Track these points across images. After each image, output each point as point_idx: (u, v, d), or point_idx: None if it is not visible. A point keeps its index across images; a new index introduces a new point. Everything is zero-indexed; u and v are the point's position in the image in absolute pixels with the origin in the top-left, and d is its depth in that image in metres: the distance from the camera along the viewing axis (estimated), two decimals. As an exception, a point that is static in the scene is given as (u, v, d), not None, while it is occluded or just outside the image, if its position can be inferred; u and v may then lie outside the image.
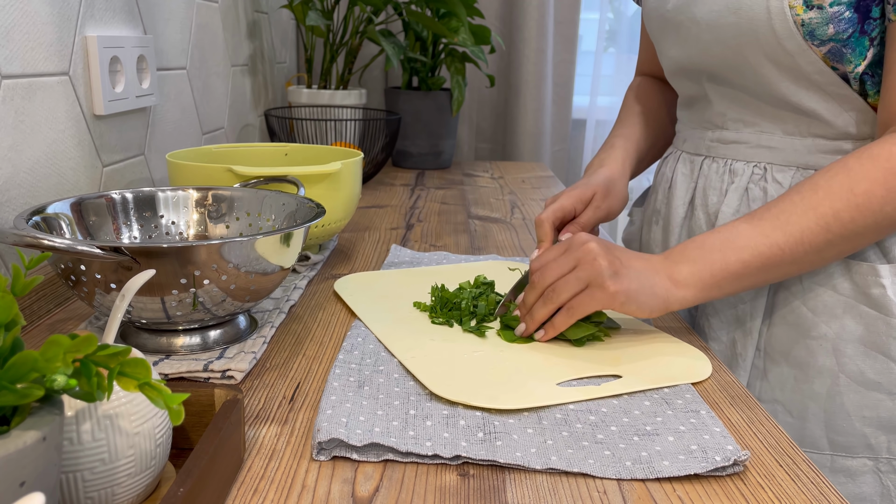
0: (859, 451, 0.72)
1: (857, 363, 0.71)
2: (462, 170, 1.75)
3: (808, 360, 0.73)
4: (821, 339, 0.73)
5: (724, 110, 0.79)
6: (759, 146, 0.76)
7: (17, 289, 0.36)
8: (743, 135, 0.78)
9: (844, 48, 0.67)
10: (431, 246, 1.05)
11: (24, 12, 0.73)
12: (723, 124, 0.80)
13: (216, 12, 1.28)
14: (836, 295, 0.72)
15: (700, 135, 0.83)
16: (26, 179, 0.74)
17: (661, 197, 0.89)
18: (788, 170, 0.74)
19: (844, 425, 0.72)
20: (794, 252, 0.65)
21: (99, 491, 0.41)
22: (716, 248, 0.66)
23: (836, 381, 0.72)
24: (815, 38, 0.67)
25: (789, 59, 0.69)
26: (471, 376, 0.60)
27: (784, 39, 0.68)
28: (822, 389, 0.73)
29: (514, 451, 0.50)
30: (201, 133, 1.24)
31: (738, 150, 0.78)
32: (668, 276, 0.66)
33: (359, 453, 0.50)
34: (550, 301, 0.66)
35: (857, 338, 0.71)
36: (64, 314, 0.75)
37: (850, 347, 0.71)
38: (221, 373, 0.61)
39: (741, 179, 0.77)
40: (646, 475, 0.48)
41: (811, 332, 0.73)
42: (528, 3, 1.94)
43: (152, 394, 0.35)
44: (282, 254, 0.63)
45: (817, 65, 0.68)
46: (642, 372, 0.63)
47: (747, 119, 0.77)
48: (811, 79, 0.69)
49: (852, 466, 0.72)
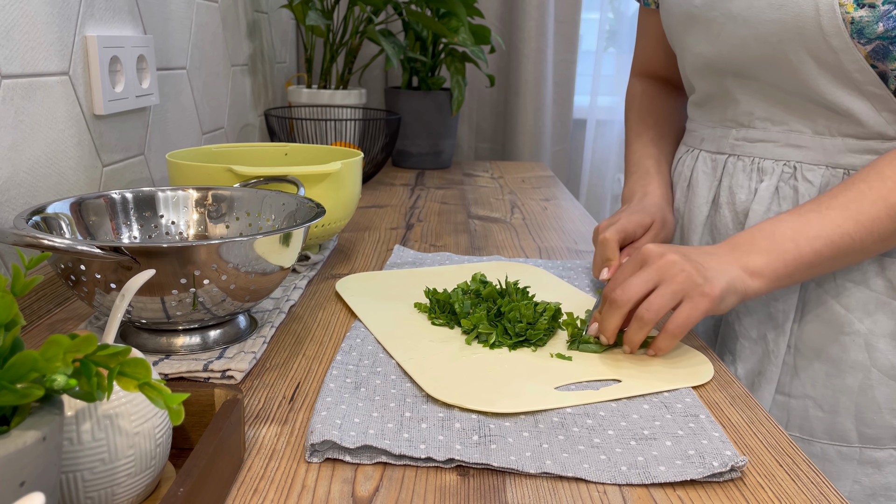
0: (887, 442, 0.74)
1: (890, 357, 0.73)
2: (462, 170, 1.75)
3: (841, 356, 0.74)
4: (854, 335, 0.74)
5: (751, 109, 0.78)
6: (788, 145, 0.76)
7: (17, 289, 0.36)
8: (771, 133, 0.77)
9: (891, 46, 0.66)
10: (432, 246, 1.05)
11: (24, 12, 0.73)
12: (749, 123, 0.79)
13: (216, 12, 1.28)
14: (870, 292, 0.73)
15: (722, 133, 0.83)
16: (26, 179, 0.74)
17: (680, 196, 0.89)
18: (818, 168, 0.74)
19: (875, 418, 0.73)
20: (863, 241, 0.67)
21: (99, 491, 0.41)
22: (787, 238, 0.67)
23: (868, 376, 0.73)
24: (864, 36, 0.66)
25: (833, 56, 0.68)
26: (468, 379, 0.60)
27: (831, 37, 0.67)
28: (854, 384, 0.74)
29: (508, 455, 0.50)
30: (201, 133, 1.24)
31: (765, 148, 0.78)
32: (742, 267, 0.66)
33: (352, 455, 0.50)
34: (645, 323, 0.63)
35: (889, 333, 0.73)
36: (64, 314, 0.75)
37: (883, 342, 0.73)
38: (221, 373, 0.61)
39: (771, 178, 0.77)
40: (641, 480, 0.48)
41: (844, 329, 0.74)
42: (528, 3, 1.93)
43: (152, 394, 0.35)
44: (282, 254, 0.63)
45: (860, 63, 0.68)
46: (642, 376, 0.62)
47: (776, 118, 0.77)
48: (851, 77, 0.69)
49: (880, 458, 0.74)
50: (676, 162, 0.92)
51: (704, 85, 0.84)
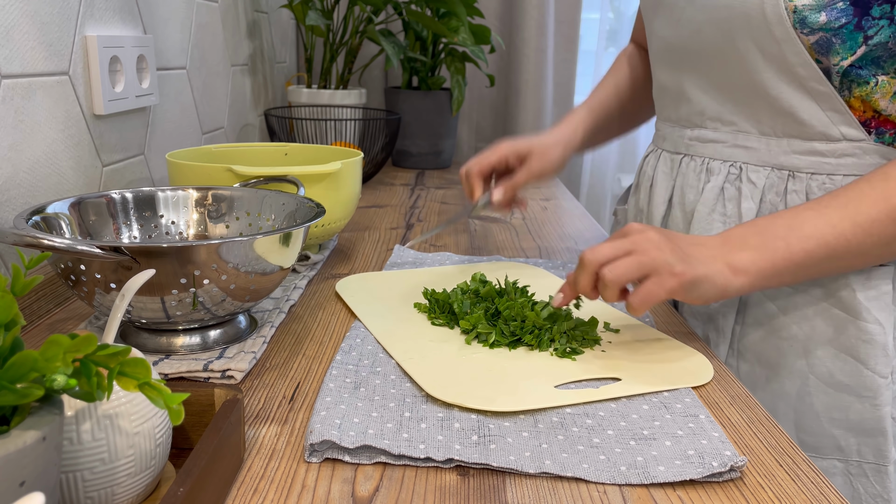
0: (829, 452, 0.72)
1: (827, 365, 0.71)
2: (462, 170, 1.75)
3: (779, 361, 0.73)
4: (791, 340, 0.73)
5: (702, 108, 0.79)
6: (736, 146, 0.76)
7: (17, 289, 0.36)
8: (720, 134, 0.78)
9: (834, 38, 0.66)
10: (432, 246, 1.05)
11: (24, 12, 0.73)
12: (701, 123, 0.80)
13: (216, 12, 1.28)
14: (807, 296, 0.72)
15: (679, 133, 0.83)
16: (26, 179, 0.74)
17: (644, 195, 0.89)
18: (763, 170, 0.74)
19: (814, 426, 0.72)
20: (861, 243, 0.64)
21: (99, 491, 0.41)
22: (779, 236, 0.64)
23: (806, 382, 0.72)
24: (806, 25, 0.66)
25: (776, 47, 0.68)
26: (468, 378, 0.60)
27: (773, 24, 0.67)
28: (793, 390, 0.73)
29: (507, 455, 0.50)
30: (201, 133, 1.24)
31: (715, 149, 0.78)
32: (727, 263, 0.63)
33: (351, 455, 0.50)
34: (606, 283, 0.62)
35: (827, 340, 0.71)
36: (64, 314, 0.75)
37: (821, 349, 0.71)
38: (221, 373, 0.61)
39: (717, 178, 0.77)
40: (641, 480, 0.48)
41: (782, 333, 0.73)
42: (528, 3, 1.93)
43: (152, 394, 0.35)
44: (282, 254, 0.63)
45: (802, 56, 0.68)
46: (642, 375, 0.62)
47: (725, 118, 0.77)
48: (794, 71, 0.69)
49: (822, 467, 0.72)
50: (643, 162, 0.92)
51: (662, 75, 0.85)
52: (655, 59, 0.86)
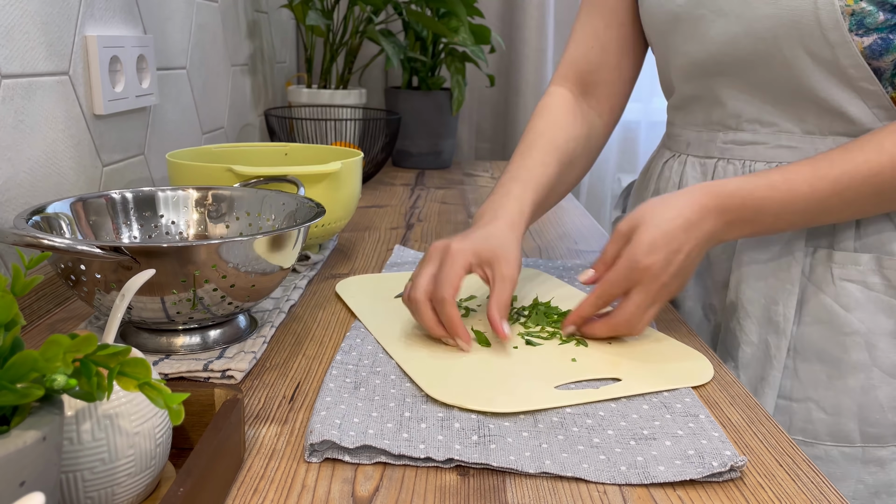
0: (890, 440, 0.73)
1: (891, 356, 0.72)
2: (462, 169, 1.75)
3: (841, 357, 0.74)
4: (853, 335, 0.73)
5: (738, 111, 0.77)
6: (779, 146, 0.75)
7: (17, 288, 0.36)
8: (760, 135, 0.76)
9: (891, 34, 0.66)
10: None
11: (24, 12, 0.73)
12: (737, 126, 0.78)
13: (216, 12, 1.28)
14: (868, 291, 0.73)
15: (710, 137, 0.81)
16: (26, 179, 0.74)
17: None
18: None
19: (878, 417, 0.73)
20: (841, 214, 0.70)
21: (99, 491, 0.41)
22: (771, 213, 0.68)
23: (870, 375, 0.73)
24: (863, 26, 0.66)
25: (829, 51, 0.68)
26: (468, 379, 0.60)
27: (828, 30, 0.67)
28: (857, 384, 0.73)
29: (507, 455, 0.50)
30: (201, 133, 1.24)
31: (756, 150, 0.77)
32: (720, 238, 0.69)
33: (351, 455, 0.50)
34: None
35: (889, 331, 0.72)
36: (64, 314, 0.75)
37: (883, 341, 0.72)
38: (221, 372, 0.61)
39: None
40: (641, 480, 0.48)
41: (844, 329, 0.73)
42: (528, 3, 1.93)
43: (152, 393, 0.35)
44: (282, 254, 0.63)
45: (855, 58, 0.67)
46: (642, 375, 0.62)
47: (765, 119, 0.76)
48: (846, 73, 0.69)
49: (883, 456, 0.73)
50: (661, 167, 0.88)
51: (688, 87, 0.82)
52: (678, 75, 0.83)
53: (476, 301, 0.79)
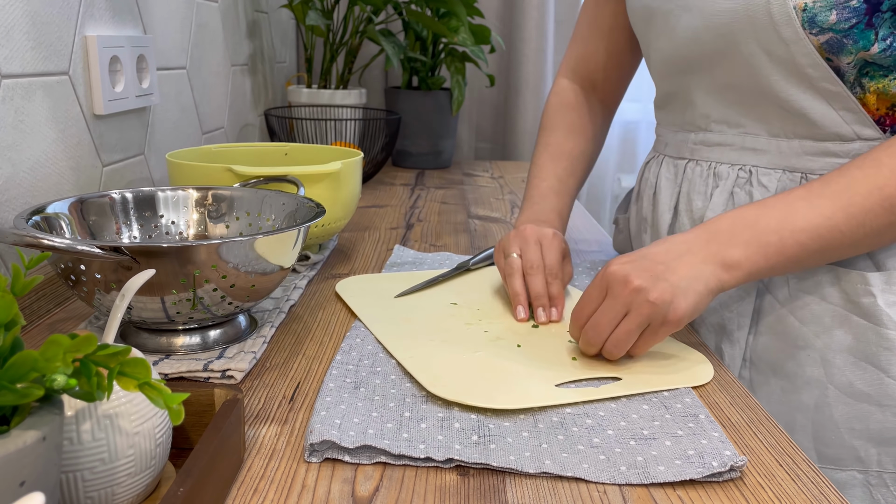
0: (848, 463, 0.70)
1: (847, 374, 0.69)
2: (462, 169, 1.75)
3: (796, 371, 0.71)
4: (809, 350, 0.70)
5: (707, 111, 0.76)
6: (744, 148, 0.74)
7: (17, 288, 0.36)
8: (727, 136, 0.75)
9: (845, 39, 0.64)
10: (432, 246, 1.05)
11: (24, 12, 0.73)
12: (706, 126, 0.77)
13: (216, 12, 1.28)
14: (826, 304, 0.69)
15: (683, 137, 0.80)
16: (26, 179, 0.74)
17: (647, 204, 0.86)
18: (775, 172, 0.72)
19: (833, 437, 0.70)
20: (854, 234, 0.63)
21: (99, 491, 0.41)
22: (771, 229, 0.63)
23: (825, 393, 0.70)
24: (815, 25, 0.64)
25: (784, 48, 0.66)
26: (469, 376, 0.60)
27: (781, 26, 0.65)
28: (811, 401, 0.70)
29: (507, 455, 0.50)
30: (201, 133, 1.24)
31: (722, 152, 0.76)
32: (719, 263, 0.62)
33: (351, 455, 0.50)
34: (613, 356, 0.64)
35: (846, 348, 0.68)
36: (64, 314, 0.75)
37: (840, 358, 0.69)
38: (221, 372, 0.61)
39: (726, 183, 0.75)
40: (640, 480, 0.48)
41: (798, 343, 0.71)
42: (528, 3, 1.93)
43: (152, 393, 0.35)
44: (282, 254, 0.63)
45: (812, 57, 0.65)
46: (642, 375, 0.62)
47: (731, 120, 0.74)
48: (804, 73, 0.67)
49: (841, 479, 0.70)
50: (643, 169, 0.89)
51: (664, 85, 0.82)
52: (655, 71, 0.83)
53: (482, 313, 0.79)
